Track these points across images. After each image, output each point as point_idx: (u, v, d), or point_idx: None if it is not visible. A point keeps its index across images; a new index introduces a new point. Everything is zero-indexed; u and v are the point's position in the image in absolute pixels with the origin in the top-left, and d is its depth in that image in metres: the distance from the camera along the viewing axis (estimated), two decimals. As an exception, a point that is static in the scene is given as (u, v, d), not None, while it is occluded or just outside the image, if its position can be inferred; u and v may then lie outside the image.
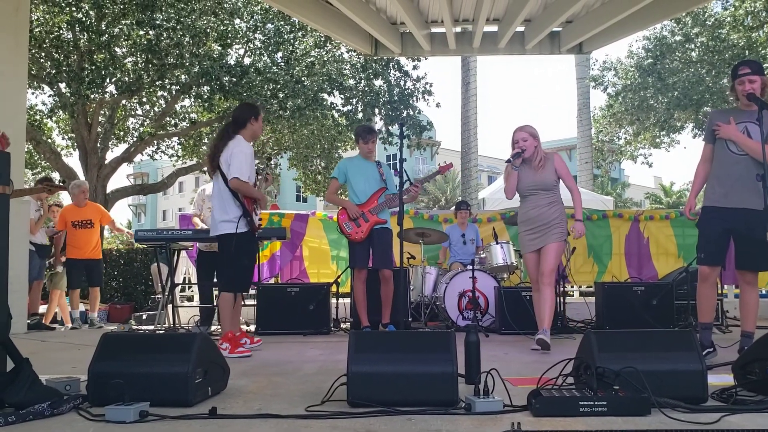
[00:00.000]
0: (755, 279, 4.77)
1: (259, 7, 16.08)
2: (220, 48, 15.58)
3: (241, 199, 5.37)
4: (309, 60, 16.76)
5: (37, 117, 16.49)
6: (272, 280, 9.77)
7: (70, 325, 8.95)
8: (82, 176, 16.11)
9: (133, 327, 9.02)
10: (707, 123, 5.02)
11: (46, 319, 8.87)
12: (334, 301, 7.86)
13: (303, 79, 16.09)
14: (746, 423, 2.75)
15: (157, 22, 14.03)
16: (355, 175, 6.78)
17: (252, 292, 8.04)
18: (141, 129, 17.70)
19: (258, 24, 16.35)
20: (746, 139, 4.66)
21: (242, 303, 5.90)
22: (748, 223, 4.61)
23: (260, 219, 5.62)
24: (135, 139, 17.73)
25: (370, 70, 17.64)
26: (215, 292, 7.80)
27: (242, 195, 5.37)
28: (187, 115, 18.55)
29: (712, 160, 4.89)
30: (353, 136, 10.26)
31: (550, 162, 5.71)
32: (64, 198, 14.25)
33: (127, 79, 14.98)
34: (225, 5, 15.87)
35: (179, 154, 19.50)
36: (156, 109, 17.96)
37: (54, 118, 17.17)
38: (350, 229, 6.64)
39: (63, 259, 9.12)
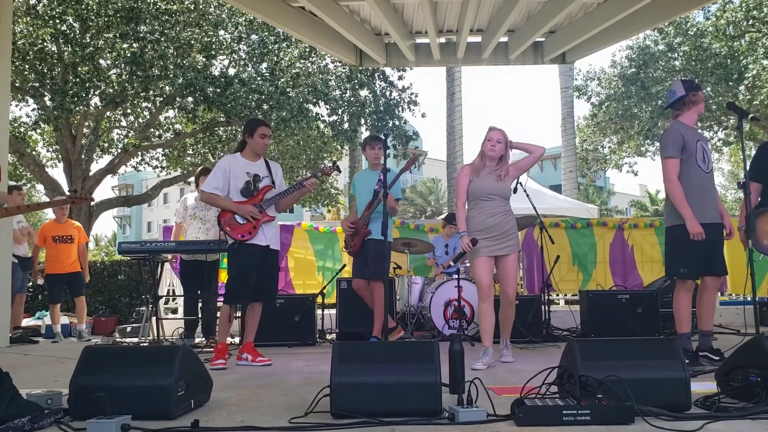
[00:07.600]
0: (719, 283, 5.22)
1: (243, 19, 16.04)
2: (204, 59, 15.53)
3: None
4: (294, 71, 16.72)
5: (21, 129, 16.38)
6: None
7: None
8: (66, 188, 16.00)
9: (117, 340, 8.95)
10: (673, 136, 4.95)
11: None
12: (319, 312, 7.82)
13: (288, 90, 16.05)
14: (728, 430, 2.77)
15: (141, 35, 13.97)
16: (360, 188, 6.91)
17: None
18: (125, 140, 17.60)
19: (242, 35, 16.32)
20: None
21: (232, 317, 5.88)
22: (718, 235, 4.99)
23: (249, 224, 5.51)
24: (119, 150, 17.62)
25: (356, 81, 17.63)
26: (199, 304, 7.76)
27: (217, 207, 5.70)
28: (171, 126, 18.47)
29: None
30: (360, 146, 10.33)
31: (508, 176, 5.47)
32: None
33: (111, 91, 14.89)
34: (209, 17, 15.83)
35: (163, 166, 19.41)
36: (140, 120, 17.87)
37: (38, 131, 17.06)
38: (347, 246, 6.87)
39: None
